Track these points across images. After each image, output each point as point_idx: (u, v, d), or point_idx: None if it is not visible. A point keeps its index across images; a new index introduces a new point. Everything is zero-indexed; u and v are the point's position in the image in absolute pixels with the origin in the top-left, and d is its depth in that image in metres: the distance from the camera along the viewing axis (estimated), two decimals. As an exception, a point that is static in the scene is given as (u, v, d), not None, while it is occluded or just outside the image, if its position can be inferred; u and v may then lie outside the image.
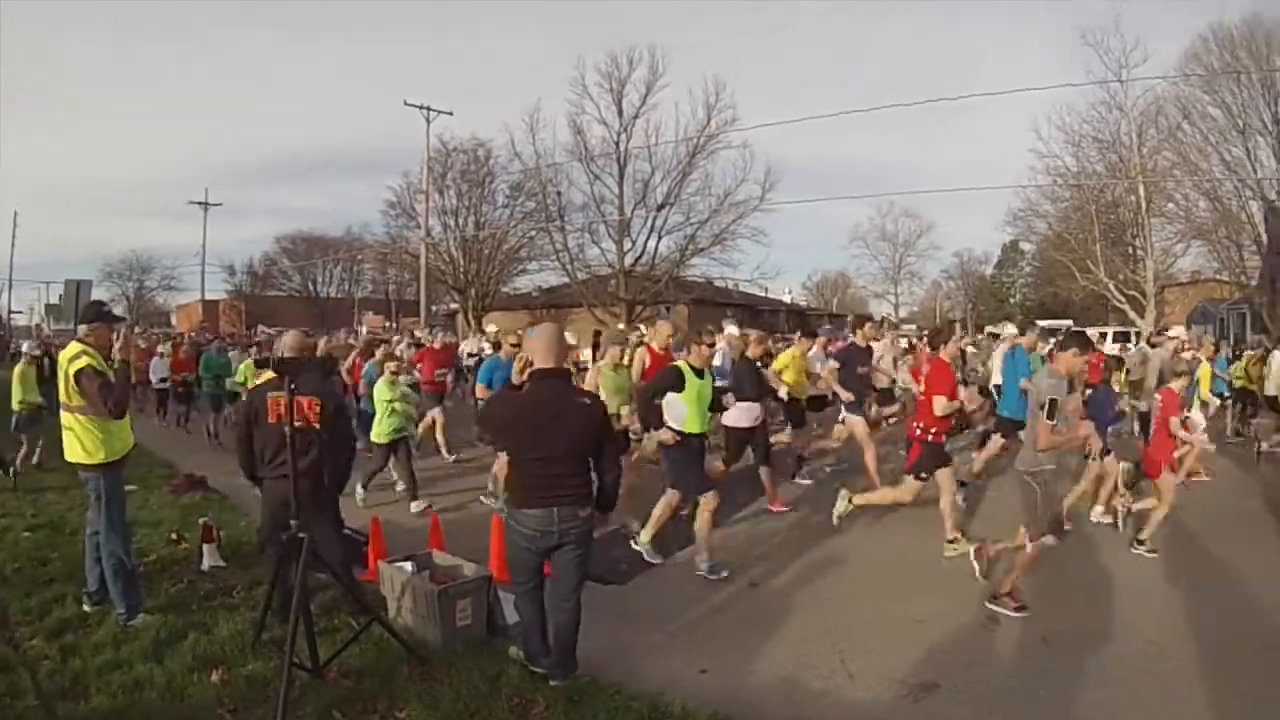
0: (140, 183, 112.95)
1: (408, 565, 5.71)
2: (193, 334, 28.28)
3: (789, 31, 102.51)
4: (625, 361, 8.69)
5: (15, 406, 11.16)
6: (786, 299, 57.88)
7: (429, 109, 36.56)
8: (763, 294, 48.62)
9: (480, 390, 9.41)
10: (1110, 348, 24.46)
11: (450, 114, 37.86)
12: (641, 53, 38.07)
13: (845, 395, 9.71)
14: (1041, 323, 33.85)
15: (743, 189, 37.69)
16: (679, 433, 6.95)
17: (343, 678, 4.67)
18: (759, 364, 9.49)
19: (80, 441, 5.33)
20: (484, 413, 5.24)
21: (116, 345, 5.47)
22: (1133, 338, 26.74)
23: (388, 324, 41.72)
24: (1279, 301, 31.29)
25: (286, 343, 5.90)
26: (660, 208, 38.46)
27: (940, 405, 7.18)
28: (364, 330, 31.34)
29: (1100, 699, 4.65)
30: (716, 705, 4.44)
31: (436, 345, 15.23)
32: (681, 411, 6.93)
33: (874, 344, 11.49)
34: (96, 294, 35.52)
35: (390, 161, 77.66)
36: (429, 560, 5.95)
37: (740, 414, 8.63)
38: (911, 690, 4.78)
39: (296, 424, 4.99)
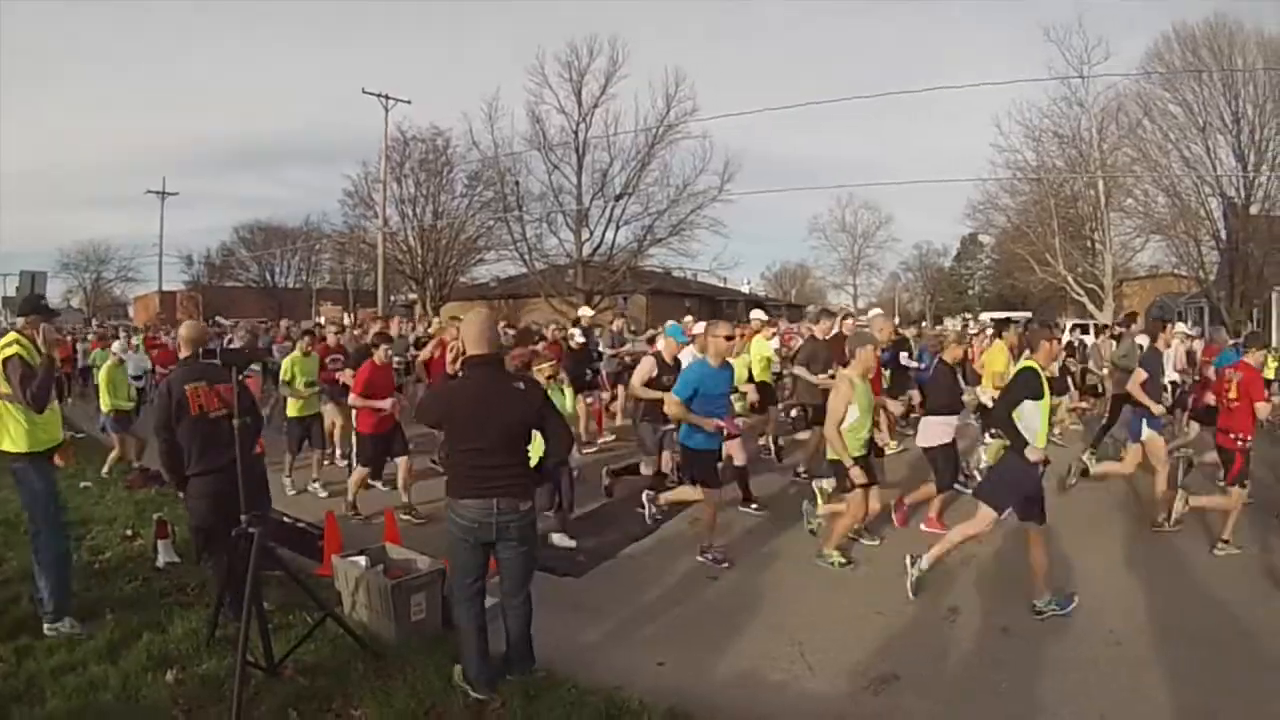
0: (97, 172, 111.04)
1: (361, 560, 5.67)
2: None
3: (751, 24, 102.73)
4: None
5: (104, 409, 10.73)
6: (745, 289, 58.07)
7: (387, 97, 36.11)
8: (721, 284, 48.73)
9: (675, 407, 6.86)
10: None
11: (408, 102, 37.29)
12: (602, 43, 38.05)
13: (1156, 408, 8.31)
14: (1000, 315, 34.27)
15: (701, 179, 37.83)
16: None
17: (298, 675, 4.62)
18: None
19: (7, 429, 5.29)
20: (422, 406, 5.11)
21: (40, 339, 5.41)
22: (1091, 330, 26.97)
23: (348, 314, 41.29)
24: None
25: (184, 334, 6.01)
26: (619, 198, 38.43)
27: (1261, 410, 6.98)
28: (323, 320, 30.63)
29: (1059, 689, 4.70)
30: (674, 699, 4.43)
31: (575, 346, 13.11)
32: (1035, 423, 5.89)
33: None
34: (53, 285, 34.99)
35: (348, 151, 77.35)
36: (383, 554, 5.91)
37: (940, 430, 7.76)
38: (871, 682, 4.80)
39: (223, 412, 5.32)
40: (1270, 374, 13.74)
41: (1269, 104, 31.65)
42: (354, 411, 8.72)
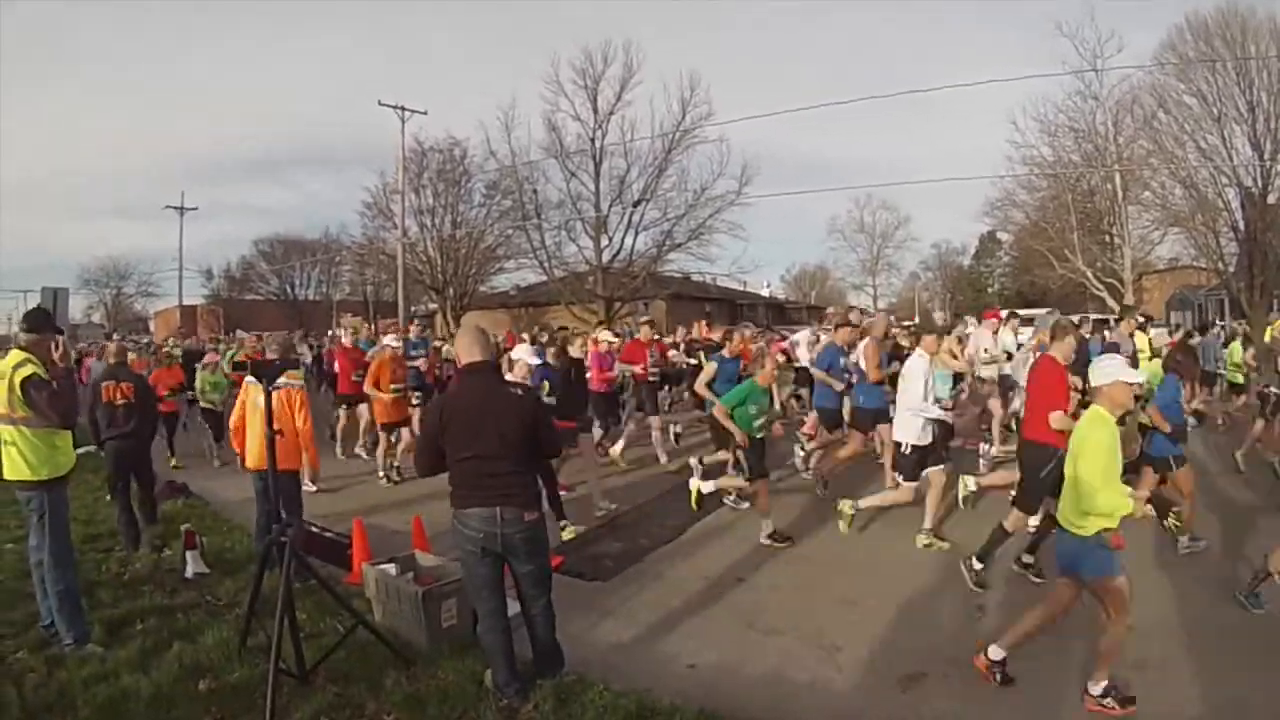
0: (117, 186, 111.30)
1: (391, 567, 5.70)
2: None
3: (764, 25, 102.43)
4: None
5: None
6: (765, 293, 57.94)
7: (403, 109, 36.11)
8: (741, 288, 48.62)
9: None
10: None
11: (425, 113, 37.04)
12: (616, 49, 37.75)
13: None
14: (1020, 312, 34.16)
15: (719, 183, 37.42)
16: None
17: (330, 683, 4.64)
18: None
19: (24, 456, 5.04)
20: (422, 427, 4.92)
21: (56, 354, 5.18)
22: (1111, 324, 26.85)
23: (367, 324, 41.32)
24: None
25: (109, 349, 8.72)
26: (637, 204, 38.07)
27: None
28: (344, 332, 30.52)
29: (1084, 684, 4.66)
30: (704, 700, 4.44)
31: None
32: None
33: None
34: (74, 301, 35.14)
35: (367, 161, 76.72)
36: (412, 562, 5.94)
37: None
38: (899, 680, 4.81)
39: (122, 401, 7.78)
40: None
41: (1283, 92, 31.42)
42: None
